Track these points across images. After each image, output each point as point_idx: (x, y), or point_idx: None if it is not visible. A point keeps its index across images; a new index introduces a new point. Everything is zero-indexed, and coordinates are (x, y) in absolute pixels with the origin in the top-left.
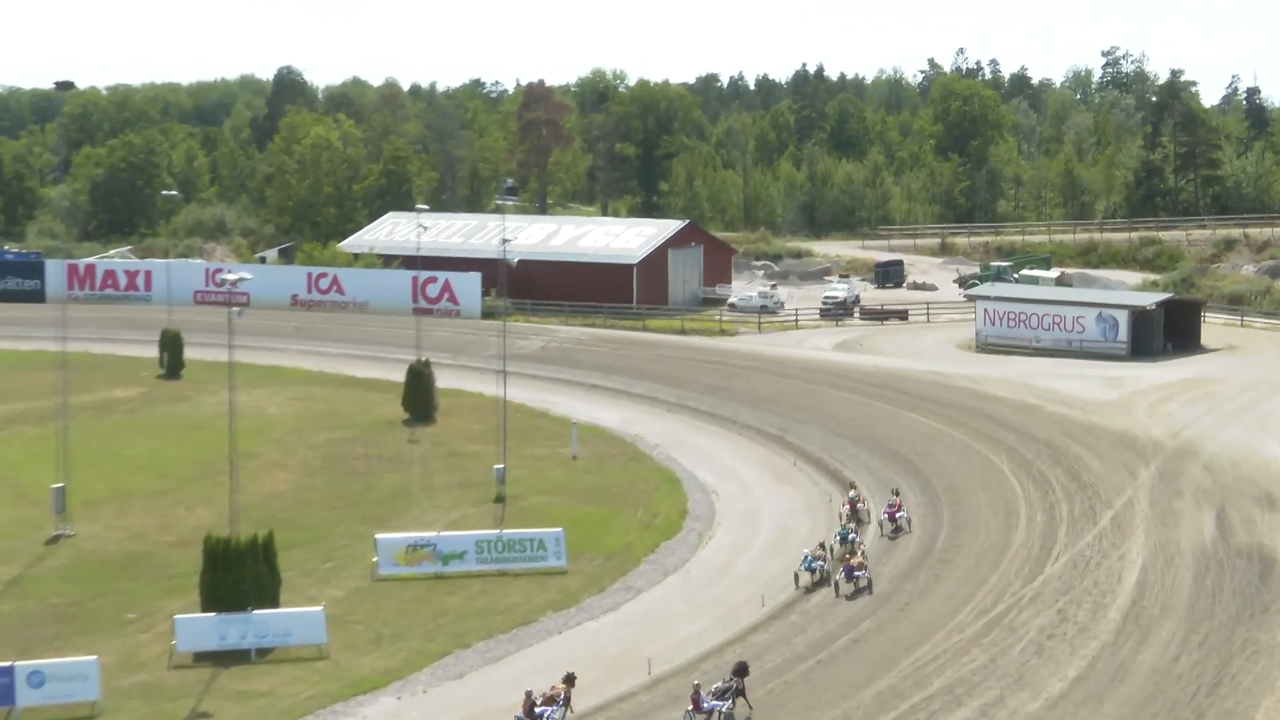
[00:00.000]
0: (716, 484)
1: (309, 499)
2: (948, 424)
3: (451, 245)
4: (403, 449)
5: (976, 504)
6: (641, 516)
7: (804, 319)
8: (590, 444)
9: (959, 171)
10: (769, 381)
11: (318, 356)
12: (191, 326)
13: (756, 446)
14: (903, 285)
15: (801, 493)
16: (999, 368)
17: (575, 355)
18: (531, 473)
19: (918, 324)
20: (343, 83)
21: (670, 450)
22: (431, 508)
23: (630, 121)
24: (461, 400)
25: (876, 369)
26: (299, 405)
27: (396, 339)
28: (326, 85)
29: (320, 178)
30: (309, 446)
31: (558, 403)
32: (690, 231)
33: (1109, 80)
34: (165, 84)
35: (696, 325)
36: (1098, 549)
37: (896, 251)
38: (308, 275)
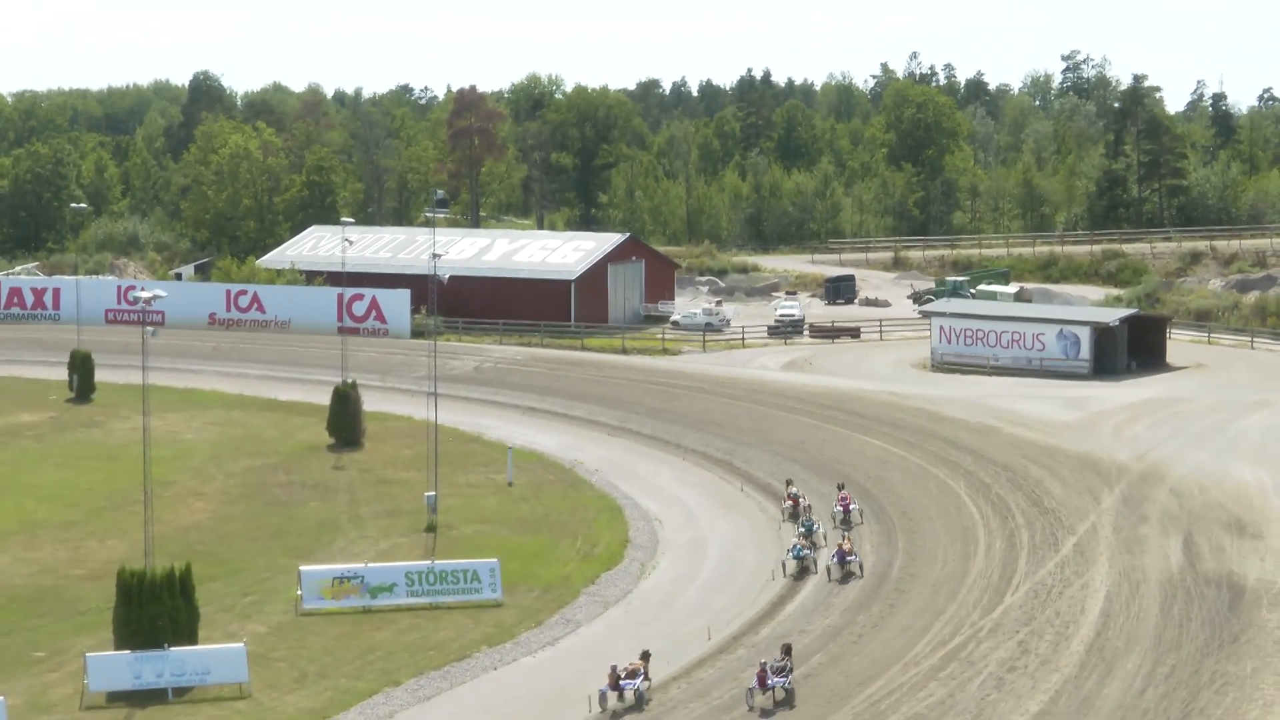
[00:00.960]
0: (660, 511)
1: (228, 530)
2: (902, 447)
3: (379, 260)
4: (328, 476)
5: (933, 531)
6: (581, 546)
7: (751, 337)
8: (526, 470)
9: (913, 182)
10: (714, 403)
11: (237, 379)
12: (103, 347)
13: (702, 471)
14: (854, 301)
15: (749, 520)
16: (956, 388)
17: (510, 376)
18: (464, 501)
19: (870, 342)
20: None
21: (611, 476)
22: (359, 538)
23: (567, 130)
24: (390, 424)
25: (827, 390)
26: (217, 430)
27: (321, 360)
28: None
29: (239, 189)
30: (228, 474)
31: (492, 427)
32: (631, 246)
33: (1069, 86)
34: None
35: (638, 344)
36: (1060, 577)
37: (848, 266)
38: (226, 293)
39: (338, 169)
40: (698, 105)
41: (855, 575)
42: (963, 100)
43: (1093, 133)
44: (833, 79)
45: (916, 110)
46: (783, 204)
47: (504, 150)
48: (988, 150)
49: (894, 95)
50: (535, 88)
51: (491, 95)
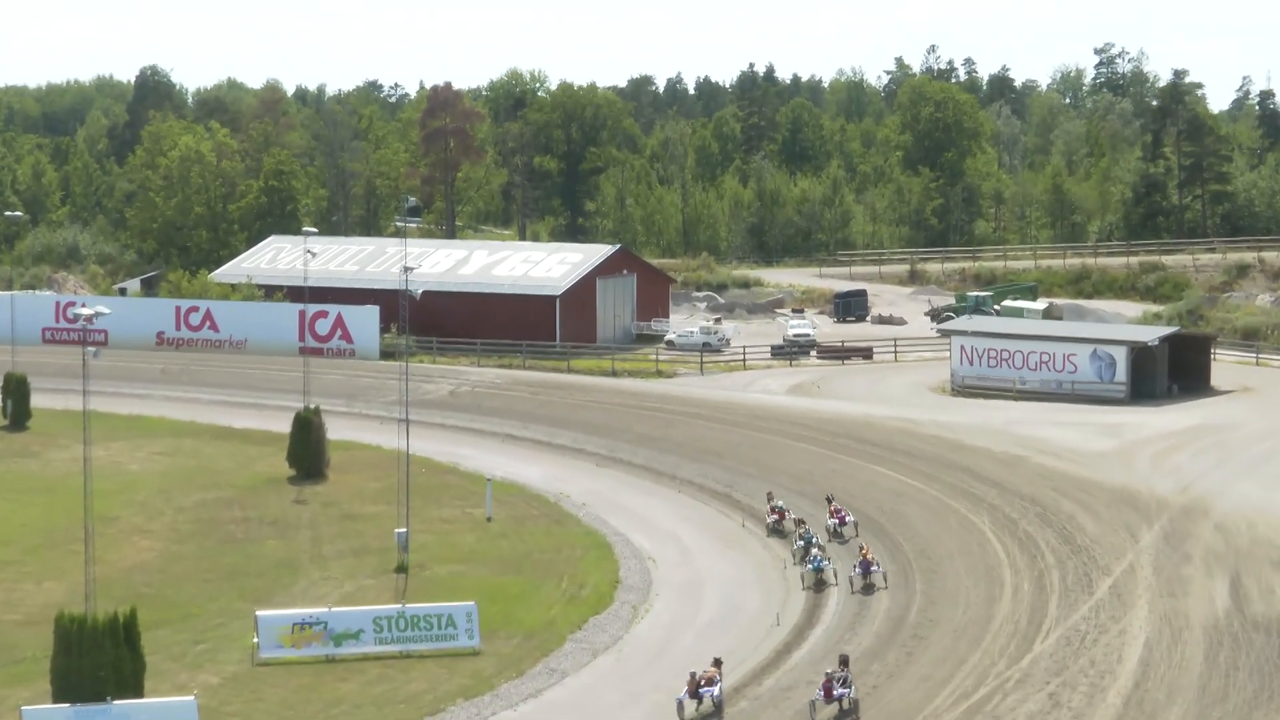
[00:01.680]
0: (653, 549)
1: (178, 570)
2: (919, 479)
3: (344, 274)
4: (288, 511)
5: (954, 571)
6: (566, 588)
7: (753, 358)
8: (507, 504)
9: (931, 188)
10: (713, 430)
11: (188, 404)
12: (39, 369)
13: (699, 506)
14: (866, 319)
15: (752, 559)
16: (978, 414)
17: (489, 401)
18: (439, 538)
19: (884, 364)
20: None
21: (599, 510)
22: (322, 579)
23: (551, 131)
24: (357, 454)
25: (837, 416)
26: (165, 461)
27: (280, 383)
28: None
29: (190, 196)
30: (177, 509)
31: (469, 456)
32: (621, 258)
33: (1103, 82)
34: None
35: (629, 365)
36: (1094, 623)
37: (859, 280)
38: (176, 309)
39: (299, 173)
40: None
41: (880, 586)
42: (985, 98)
43: (1129, 133)
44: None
45: (934, 109)
46: (788, 212)
47: (482, 153)
48: (1013, 153)
49: (910, 93)
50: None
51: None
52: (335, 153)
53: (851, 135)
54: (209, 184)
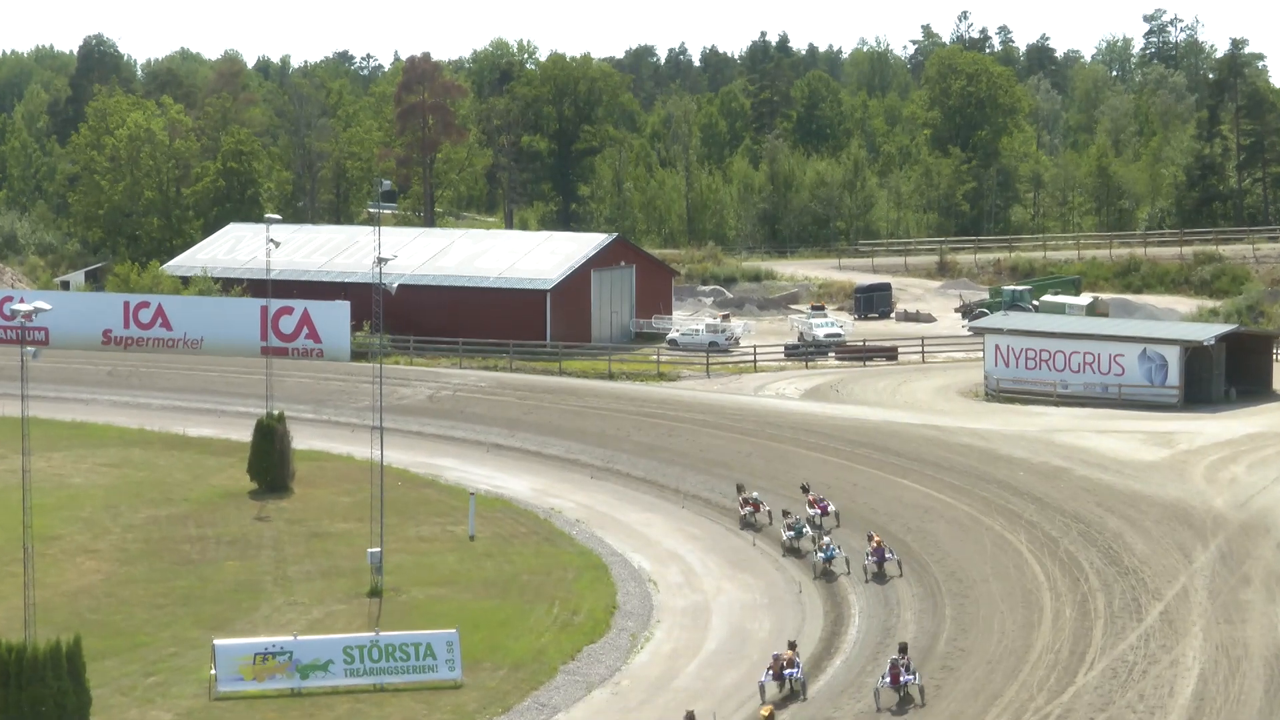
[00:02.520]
0: (654, 571)
1: (126, 595)
2: (949, 493)
3: (312, 266)
4: (249, 529)
5: (988, 595)
6: (558, 614)
7: (765, 359)
8: (492, 520)
9: (962, 170)
10: (720, 439)
11: (137, 410)
12: None
13: (705, 522)
14: (890, 316)
15: (764, 581)
16: (1015, 421)
17: (472, 406)
18: (416, 558)
19: (910, 365)
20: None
21: (594, 528)
22: (286, 605)
23: (541, 108)
24: (325, 465)
25: (857, 422)
26: (113, 473)
27: (240, 387)
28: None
29: (140, 179)
30: (126, 527)
31: (450, 467)
32: (619, 248)
33: (1153, 53)
34: None
35: (628, 367)
36: (1144, 653)
37: (882, 272)
38: (124, 305)
39: (260, 154)
40: (700, 78)
41: (896, 575)
42: (1023, 71)
43: (1182, 110)
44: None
45: (966, 83)
46: (803, 197)
47: (464, 132)
48: (1053, 131)
49: (938, 65)
50: (502, 56)
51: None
52: (301, 131)
53: (874, 112)
54: (160, 166)
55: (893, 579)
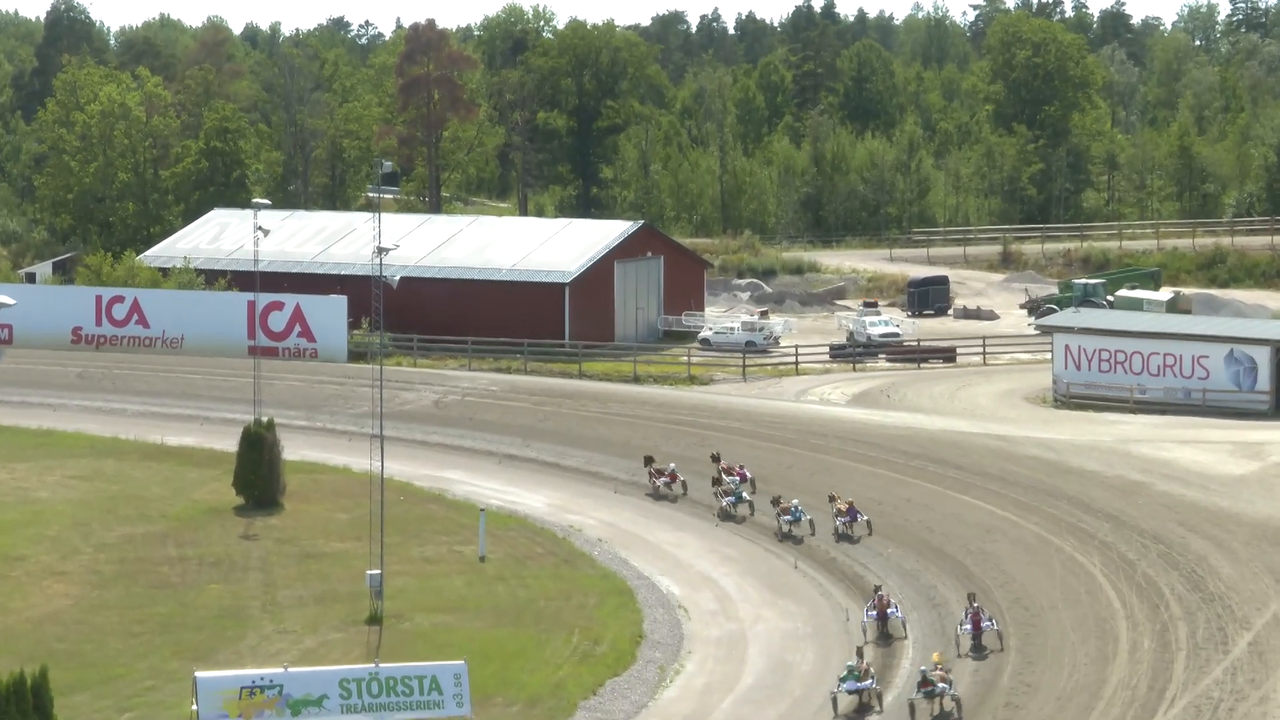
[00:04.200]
0: (685, 596)
1: (99, 622)
2: (1014, 510)
3: (305, 256)
4: (234, 549)
5: (1057, 625)
6: (578, 644)
7: (808, 360)
8: (505, 540)
9: (1028, 150)
10: (759, 449)
11: (111, 416)
12: None
13: (742, 542)
14: (948, 312)
15: (807, 608)
16: (1087, 430)
17: (482, 413)
18: (421, 581)
19: (970, 367)
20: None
21: (618, 548)
22: (276, 633)
23: (559, 81)
24: (320, 478)
25: (911, 431)
26: (83, 487)
27: (225, 391)
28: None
29: (114, 159)
30: (98, 546)
31: (458, 480)
32: (646, 237)
33: (1241, 20)
34: None
35: (655, 369)
36: (1230, 688)
37: (939, 264)
38: (96, 300)
39: (247, 132)
40: (736, 47)
41: (864, 534)
42: (1096, 40)
43: (1273, 83)
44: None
45: (1033, 53)
46: (851, 180)
47: (473, 108)
48: (1130, 107)
49: (1002, 33)
50: (516, 23)
51: (456, 33)
52: (292, 107)
53: (930, 85)
54: (136, 145)
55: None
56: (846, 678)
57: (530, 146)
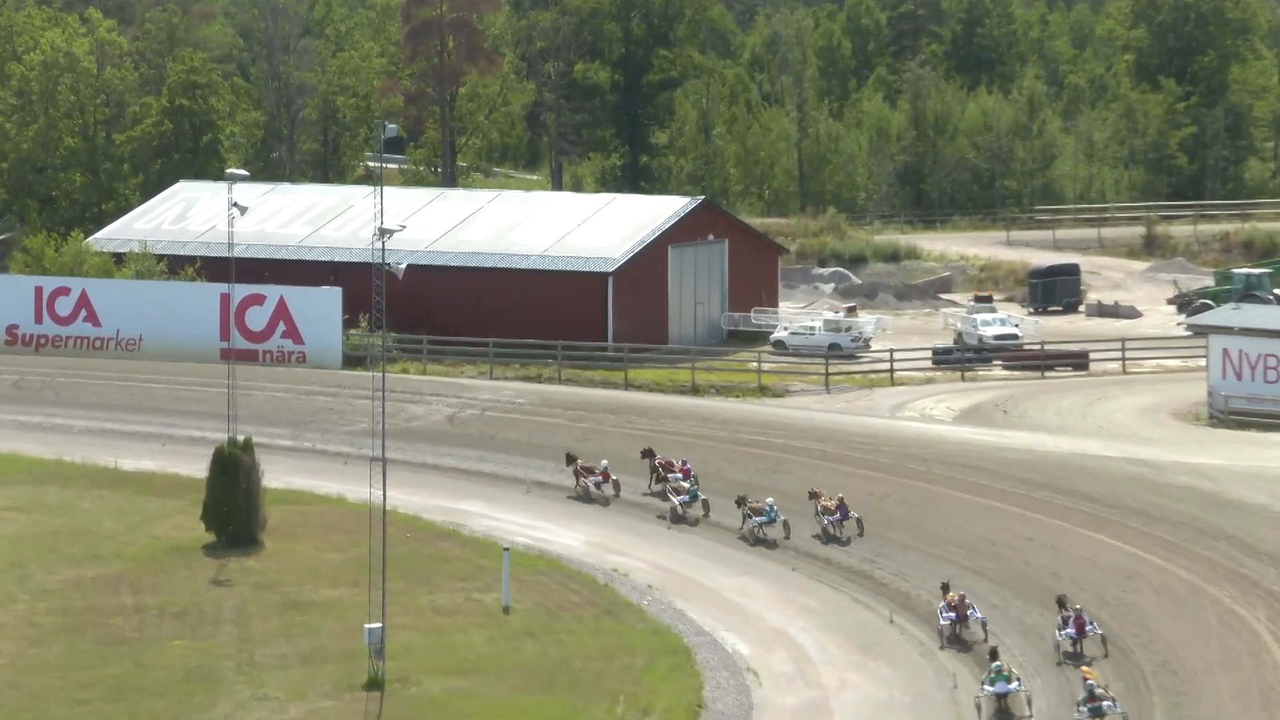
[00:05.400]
0: (753, 656)
1: (37, 686)
2: (1160, 552)
3: (291, 239)
4: (203, 597)
5: (1212, 692)
6: (624, 714)
7: (905, 367)
8: (534, 585)
9: (1177, 110)
10: (844, 476)
11: (53, 434)
12: None
13: (823, 589)
14: (1078, 308)
15: (904, 671)
16: (1250, 453)
17: (507, 430)
18: (431, 637)
19: (1105, 376)
20: None
21: (672, 596)
22: (254, 700)
23: (601, 25)
24: (308, 510)
25: (1033, 455)
26: (19, 520)
27: (193, 403)
28: None
29: (57, 120)
30: (37, 593)
31: (476, 514)
32: (706, 216)
33: None
34: None
35: (718, 378)
36: None
37: (1067, 250)
38: (35, 292)
39: (221, 88)
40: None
41: (856, 535)
42: None
43: None
44: None
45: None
46: (959, 147)
47: (496, 58)
48: None
49: None
50: None
51: None
52: (275, 56)
53: (1057, 30)
54: (86, 103)
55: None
56: (995, 679)
57: (566, 106)
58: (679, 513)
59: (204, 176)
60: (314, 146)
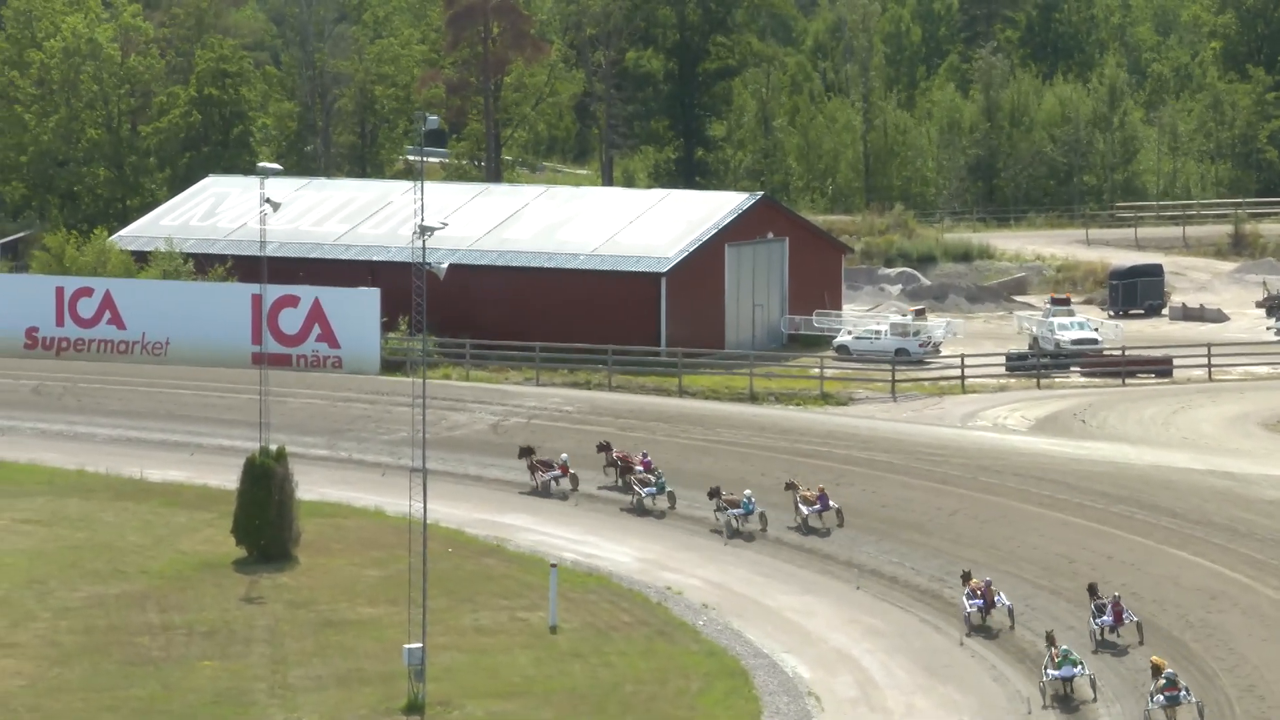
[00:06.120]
0: (815, 680)
1: (58, 708)
2: (1248, 571)
3: (326, 237)
4: (233, 615)
5: None
6: None
7: (977, 374)
8: (583, 604)
9: (1267, 102)
10: (912, 490)
11: (75, 443)
12: None
13: (889, 609)
14: (1161, 311)
15: (975, 697)
16: None
17: (554, 440)
18: (474, 658)
19: (1190, 384)
20: None
21: (729, 616)
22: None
23: (655, 10)
24: (344, 523)
25: (1113, 468)
26: (39, 534)
27: (223, 411)
28: None
29: (79, 111)
30: (58, 611)
31: (521, 528)
32: (765, 213)
33: None
34: None
35: (777, 385)
36: None
37: (1149, 250)
38: (56, 293)
39: (252, 77)
40: None
41: (835, 525)
42: None
43: None
44: None
45: None
46: (1035, 139)
47: (543, 46)
48: None
49: None
50: None
51: None
52: (309, 43)
53: (1139, 16)
54: (109, 93)
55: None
56: (1062, 663)
57: (617, 96)
58: (643, 506)
59: (234, 171)
60: (350, 139)
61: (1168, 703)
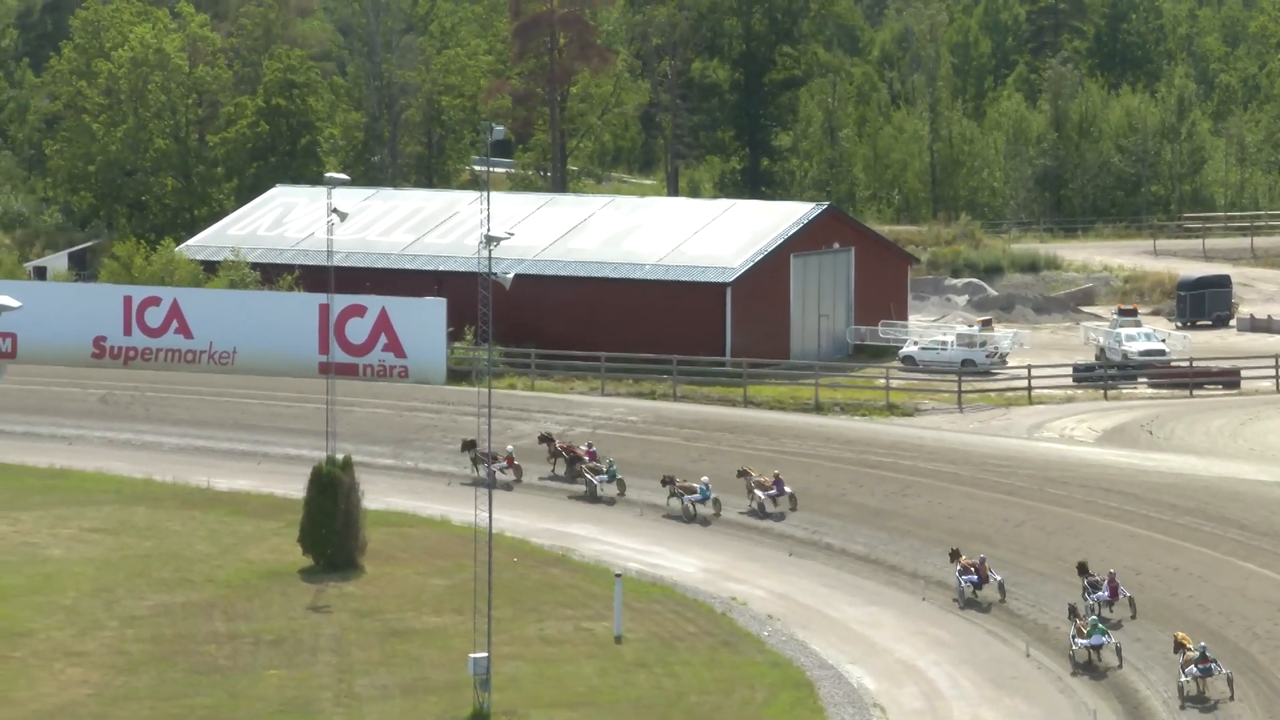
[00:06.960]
0: (881, 691)
1: (126, 715)
2: None
3: (393, 247)
4: (299, 624)
5: None
6: None
7: (1044, 384)
8: (648, 614)
9: None
10: (978, 501)
11: (142, 452)
12: None
13: (955, 620)
14: (1229, 322)
15: (1041, 709)
16: None
17: (619, 450)
18: (540, 668)
19: (1258, 395)
20: None
21: (794, 627)
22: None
23: (721, 20)
24: (410, 533)
25: (1180, 479)
26: (107, 543)
27: (289, 420)
28: None
29: (147, 121)
30: (125, 620)
31: (587, 538)
32: (831, 224)
33: None
34: None
35: (842, 395)
36: None
37: (1217, 260)
38: (124, 302)
39: (319, 87)
40: None
41: (787, 510)
42: None
43: None
44: None
45: None
46: (1103, 150)
47: (610, 56)
48: None
49: None
50: None
51: None
52: (377, 54)
53: (1206, 26)
54: (177, 103)
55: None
56: (1092, 632)
57: (682, 106)
58: (595, 493)
59: (301, 180)
60: (417, 149)
61: (1201, 674)
